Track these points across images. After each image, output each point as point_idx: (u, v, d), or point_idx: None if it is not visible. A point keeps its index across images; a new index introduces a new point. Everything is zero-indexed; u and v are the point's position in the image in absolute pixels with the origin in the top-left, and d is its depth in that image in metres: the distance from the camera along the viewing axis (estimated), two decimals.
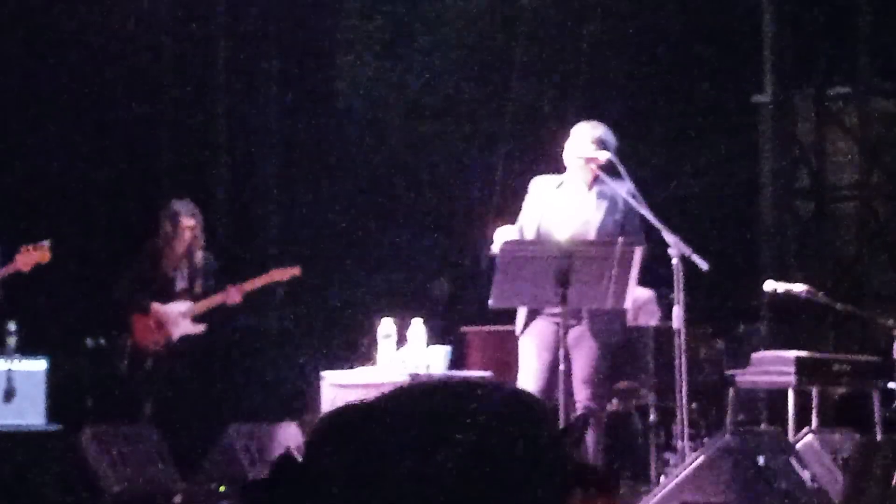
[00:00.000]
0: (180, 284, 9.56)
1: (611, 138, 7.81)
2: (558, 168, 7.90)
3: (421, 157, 13.45)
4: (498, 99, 13.60)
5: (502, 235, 7.60)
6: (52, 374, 10.66)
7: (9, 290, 8.66)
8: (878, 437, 8.60)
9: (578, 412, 7.55)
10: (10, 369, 10.41)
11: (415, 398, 1.64)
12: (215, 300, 9.46)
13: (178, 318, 9.45)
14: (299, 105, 12.73)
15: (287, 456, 1.61)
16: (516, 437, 1.59)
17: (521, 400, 1.65)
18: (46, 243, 8.58)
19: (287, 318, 12.21)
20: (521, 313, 7.76)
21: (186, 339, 9.48)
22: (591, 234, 7.70)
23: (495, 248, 7.56)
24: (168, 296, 9.50)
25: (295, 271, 9.77)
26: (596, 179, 7.77)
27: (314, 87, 13.04)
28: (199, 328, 9.50)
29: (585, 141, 7.75)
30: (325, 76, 13.32)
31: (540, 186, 7.82)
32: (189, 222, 9.47)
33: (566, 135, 7.89)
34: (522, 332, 7.77)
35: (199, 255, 9.59)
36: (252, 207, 12.56)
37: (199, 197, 10.11)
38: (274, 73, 12.57)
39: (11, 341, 10.66)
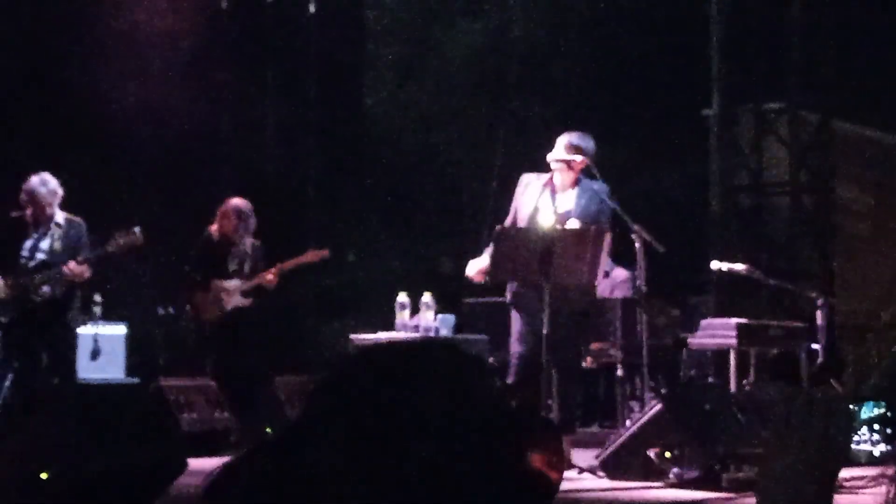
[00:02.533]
0: (232, 265, 9.49)
1: (587, 145, 7.67)
2: (545, 169, 7.83)
3: (432, 160, 13.48)
4: (495, 112, 13.63)
5: (473, 266, 7.67)
6: (131, 337, 10.73)
7: (95, 267, 8.41)
8: (800, 390, 8.61)
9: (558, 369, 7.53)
10: (95, 333, 10.46)
11: (379, 361, 1.44)
12: (260, 279, 9.56)
13: (231, 292, 9.43)
14: (331, 117, 12.74)
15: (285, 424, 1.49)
16: (472, 392, 1.42)
17: (466, 356, 1.45)
18: (137, 229, 8.23)
19: (322, 291, 12.21)
20: (512, 288, 7.70)
21: (238, 310, 9.51)
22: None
23: (469, 273, 7.65)
24: (223, 274, 9.47)
25: (324, 253, 9.78)
26: (576, 180, 7.67)
27: (344, 101, 13.07)
28: (248, 301, 9.50)
29: (562, 147, 7.67)
30: (353, 92, 13.35)
31: (528, 182, 7.74)
32: (236, 218, 9.48)
33: (550, 142, 7.77)
34: (512, 303, 7.71)
35: (247, 242, 9.55)
36: (293, 202, 12.59)
37: (249, 192, 10.16)
38: (312, 90, 12.60)
39: (97, 309, 10.70)
